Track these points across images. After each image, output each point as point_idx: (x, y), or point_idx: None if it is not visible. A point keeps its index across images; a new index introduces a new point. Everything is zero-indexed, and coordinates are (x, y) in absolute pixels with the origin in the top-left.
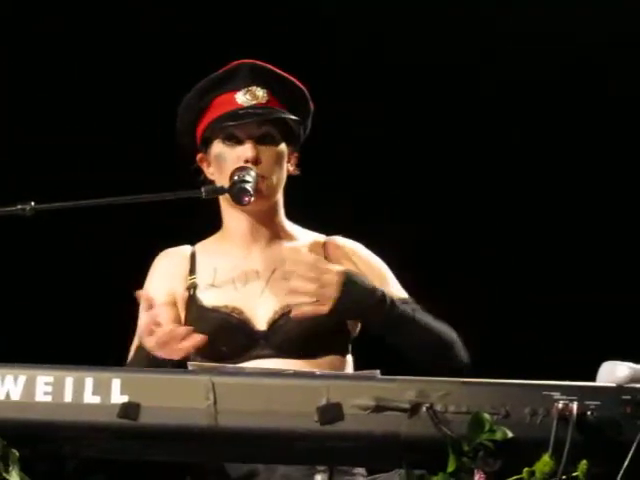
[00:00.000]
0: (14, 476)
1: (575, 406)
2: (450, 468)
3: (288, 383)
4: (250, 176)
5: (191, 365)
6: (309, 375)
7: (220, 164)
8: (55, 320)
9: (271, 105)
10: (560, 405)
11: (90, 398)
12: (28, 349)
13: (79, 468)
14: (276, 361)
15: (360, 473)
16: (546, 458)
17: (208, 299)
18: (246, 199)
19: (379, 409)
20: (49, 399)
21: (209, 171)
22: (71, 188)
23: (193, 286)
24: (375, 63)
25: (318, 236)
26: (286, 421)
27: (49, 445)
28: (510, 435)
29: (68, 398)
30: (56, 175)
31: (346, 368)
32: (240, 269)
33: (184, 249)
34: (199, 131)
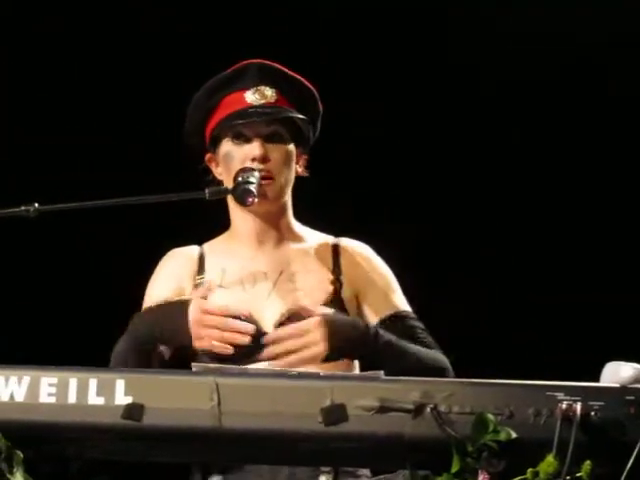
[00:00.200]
0: (18, 477)
1: (579, 407)
2: (454, 469)
3: (292, 384)
4: (254, 177)
5: (195, 366)
6: (313, 376)
7: (228, 163)
8: (59, 321)
9: (280, 104)
10: (564, 406)
11: (94, 399)
12: (32, 350)
13: (83, 469)
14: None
15: (364, 474)
16: (550, 458)
17: (216, 300)
18: (249, 200)
19: (383, 410)
20: (53, 400)
21: (217, 171)
22: (71, 189)
23: (202, 286)
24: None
25: (326, 237)
26: (290, 422)
27: (53, 446)
28: (514, 436)
29: (72, 399)
30: (56, 175)
31: (352, 370)
32: (248, 270)
33: (192, 249)
34: (208, 130)
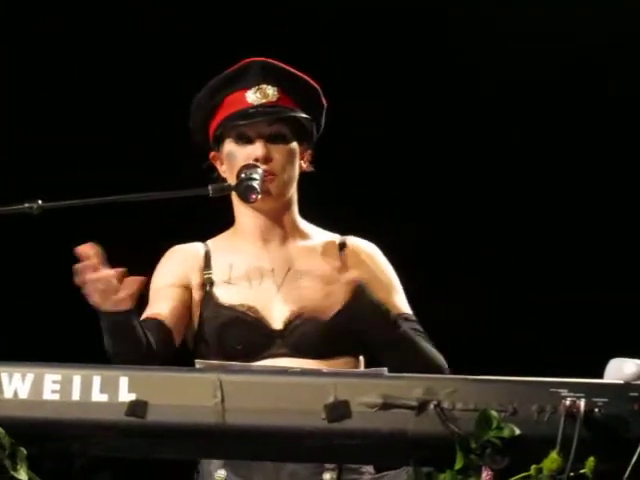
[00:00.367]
0: (22, 474)
1: (582, 403)
2: (458, 465)
3: (295, 381)
4: (257, 174)
5: (198, 363)
6: (316, 373)
7: (231, 163)
8: (62, 318)
9: (282, 103)
10: (567, 402)
11: (98, 396)
12: (36, 347)
13: (87, 466)
14: (291, 360)
15: (368, 471)
16: (554, 455)
17: (224, 296)
18: (253, 197)
19: (386, 407)
20: (57, 397)
21: (222, 169)
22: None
23: (209, 282)
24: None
25: (332, 235)
26: (294, 419)
27: (57, 443)
28: (517, 432)
29: (76, 396)
30: (56, 176)
31: (359, 368)
32: (254, 267)
33: (196, 245)
34: (211, 129)
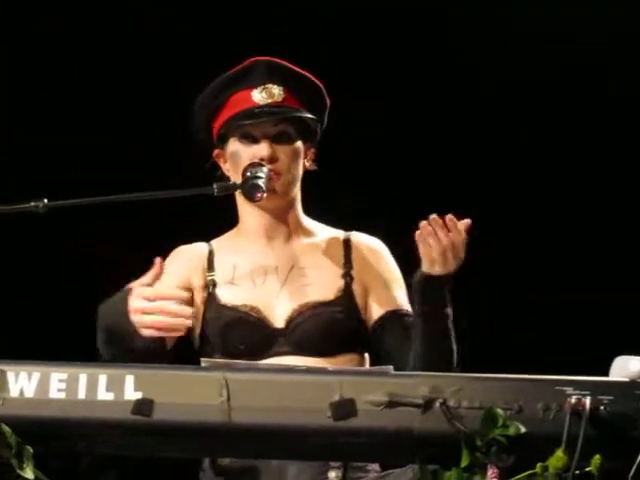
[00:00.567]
0: (28, 472)
1: (588, 401)
2: (463, 463)
3: (301, 379)
4: (262, 172)
5: (204, 362)
6: (322, 371)
7: (236, 162)
8: (68, 317)
9: (287, 103)
10: (573, 400)
11: (104, 395)
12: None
13: (93, 464)
14: (294, 359)
15: (374, 469)
16: (559, 453)
17: (227, 297)
18: (258, 195)
19: (392, 405)
20: (63, 396)
21: (225, 167)
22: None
23: (212, 283)
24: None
25: (337, 232)
26: (299, 417)
27: (63, 442)
28: (523, 430)
29: (82, 395)
30: (55, 176)
31: (364, 365)
32: (258, 266)
33: (200, 246)
34: (215, 128)
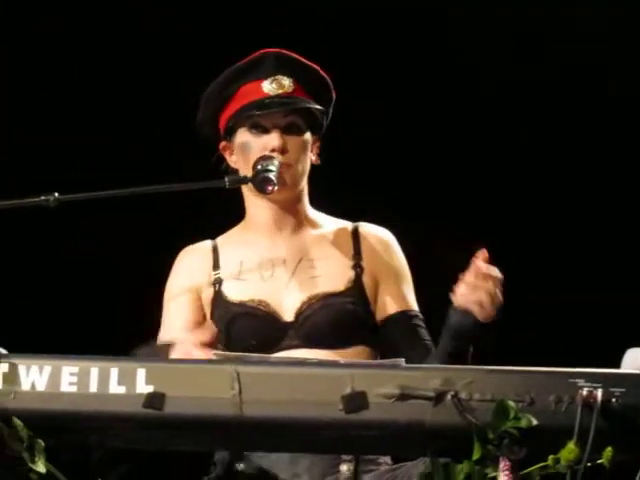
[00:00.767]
0: (40, 466)
1: (600, 393)
2: (475, 456)
3: (313, 372)
4: (273, 165)
5: (216, 355)
6: (333, 364)
7: (245, 153)
8: (80, 310)
9: (296, 94)
10: (585, 392)
11: (115, 388)
12: (53, 340)
13: (104, 458)
14: (305, 351)
15: (385, 462)
16: (571, 445)
17: (234, 293)
18: (269, 188)
19: (404, 397)
20: (74, 389)
21: (232, 159)
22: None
23: (218, 281)
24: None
25: (344, 223)
26: (311, 410)
27: (74, 435)
28: (535, 423)
29: (93, 388)
30: (55, 176)
31: (374, 358)
32: (266, 259)
33: (205, 244)
34: (223, 120)
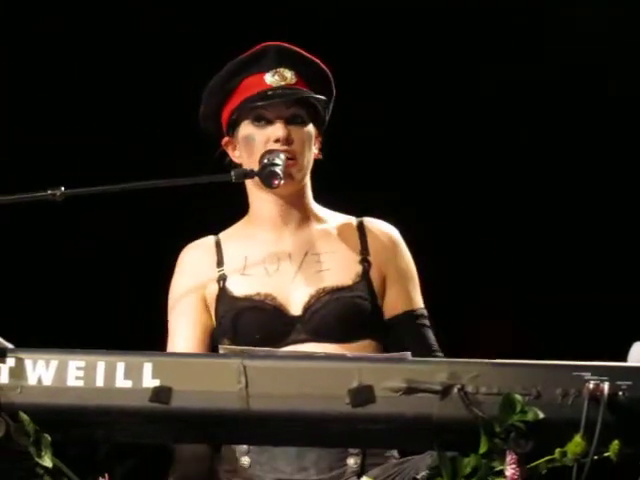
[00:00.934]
0: (47, 460)
1: (606, 386)
2: (482, 449)
3: (319, 366)
4: (280, 159)
5: (222, 348)
6: (340, 358)
7: (249, 145)
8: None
9: (299, 86)
10: (591, 385)
11: (122, 382)
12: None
13: (111, 452)
14: (312, 345)
15: (392, 455)
16: (578, 439)
17: (239, 289)
18: (276, 182)
19: (410, 391)
20: (81, 384)
21: (235, 154)
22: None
23: (222, 278)
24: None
25: (348, 217)
26: (318, 404)
27: (81, 430)
28: (541, 416)
29: (100, 382)
30: (55, 176)
31: (381, 351)
32: (272, 253)
33: (208, 240)
34: (226, 114)
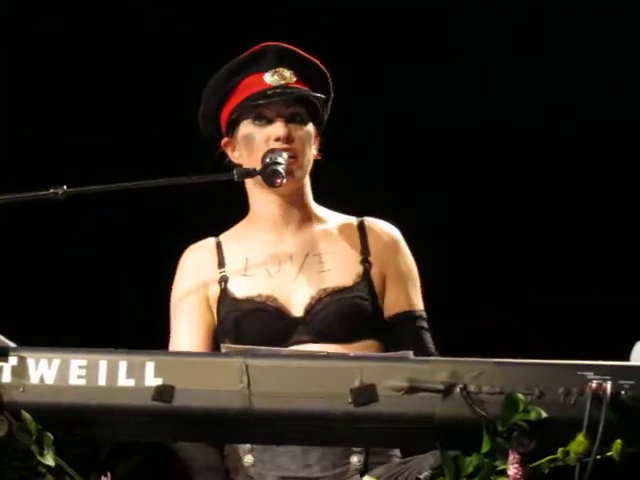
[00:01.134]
0: (49, 459)
1: (609, 386)
2: (484, 449)
3: (322, 365)
4: (282, 158)
5: (224, 347)
6: (342, 357)
7: (249, 144)
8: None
9: (298, 85)
10: (594, 385)
11: (124, 381)
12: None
13: (113, 451)
14: (314, 347)
15: (395, 454)
16: (580, 438)
17: (240, 290)
18: (278, 181)
19: (413, 390)
20: (83, 382)
21: (234, 155)
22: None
23: (224, 279)
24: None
25: (349, 217)
26: (320, 403)
27: (83, 428)
28: (544, 415)
29: (102, 381)
30: (55, 175)
31: (383, 351)
32: (272, 254)
33: (209, 242)
34: (225, 113)
